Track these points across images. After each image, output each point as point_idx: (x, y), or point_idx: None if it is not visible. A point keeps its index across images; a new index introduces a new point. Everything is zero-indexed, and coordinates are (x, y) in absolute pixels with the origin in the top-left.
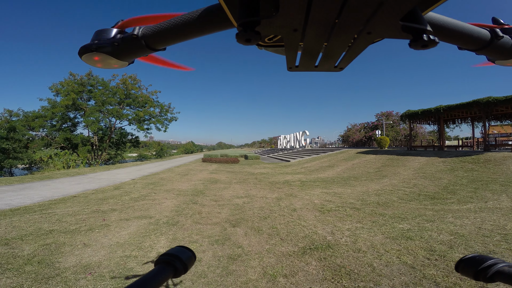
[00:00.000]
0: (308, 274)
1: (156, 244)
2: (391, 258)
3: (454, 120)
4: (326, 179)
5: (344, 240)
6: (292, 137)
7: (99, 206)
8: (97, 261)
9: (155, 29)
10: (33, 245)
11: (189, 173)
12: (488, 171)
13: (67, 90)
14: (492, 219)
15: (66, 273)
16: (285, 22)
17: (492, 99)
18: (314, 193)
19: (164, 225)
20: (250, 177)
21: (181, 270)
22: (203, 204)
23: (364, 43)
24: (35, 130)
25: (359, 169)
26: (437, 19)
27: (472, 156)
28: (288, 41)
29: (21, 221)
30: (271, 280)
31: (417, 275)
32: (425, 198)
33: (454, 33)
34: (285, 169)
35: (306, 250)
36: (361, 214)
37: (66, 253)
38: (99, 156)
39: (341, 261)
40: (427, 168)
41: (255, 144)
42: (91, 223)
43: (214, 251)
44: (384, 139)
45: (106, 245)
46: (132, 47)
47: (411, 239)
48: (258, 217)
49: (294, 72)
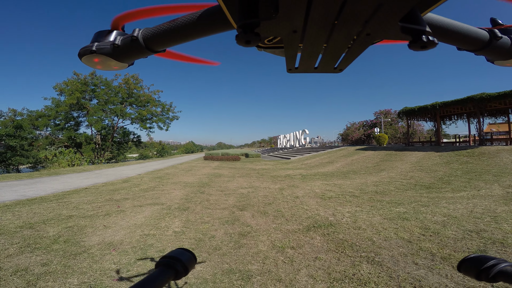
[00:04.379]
0: (313, 246)
1: (172, 225)
2: (389, 234)
3: (451, 117)
4: (326, 173)
5: (345, 220)
6: (292, 136)
7: (112, 196)
8: (119, 240)
9: (154, 31)
10: (56, 228)
11: (192, 169)
12: (482, 163)
13: (71, 89)
14: (483, 205)
15: (92, 250)
16: (285, 23)
17: (486, 95)
18: (315, 184)
19: (176, 210)
20: (252, 172)
21: (182, 272)
22: (210, 194)
23: (363, 44)
24: (39, 129)
25: (358, 164)
26: (436, 20)
27: (467, 150)
28: (287, 42)
29: (41, 208)
30: (280, 251)
31: (414, 247)
32: (421, 188)
33: (453, 34)
34: (286, 166)
35: (310, 228)
36: (360, 200)
37: (88, 233)
38: (102, 155)
39: (343, 236)
40: (424, 161)
41: (255, 144)
42: (107, 209)
43: (225, 229)
44: (383, 136)
45: (125, 226)
46: (131, 49)
47: (407, 220)
48: (263, 203)
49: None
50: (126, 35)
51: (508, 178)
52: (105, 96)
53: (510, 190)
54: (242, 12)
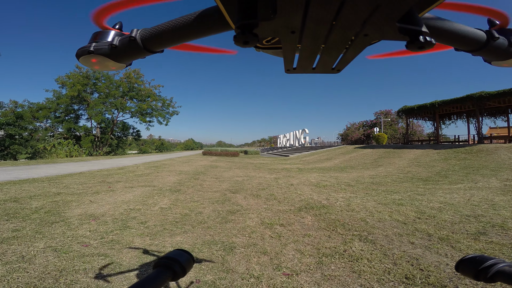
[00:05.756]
0: (304, 225)
1: (160, 203)
2: (383, 216)
3: (450, 116)
4: (324, 168)
5: (339, 204)
6: (292, 135)
7: (105, 179)
8: (101, 212)
9: (152, 31)
10: (42, 201)
11: (190, 161)
12: (480, 159)
13: (73, 82)
14: (481, 195)
15: (71, 219)
16: (283, 24)
17: (485, 93)
18: (311, 175)
19: (167, 191)
20: (250, 165)
21: (180, 273)
22: (204, 180)
23: (361, 45)
24: (39, 121)
25: (356, 160)
26: (434, 21)
27: (466, 148)
28: (285, 43)
29: (31, 187)
30: (268, 227)
31: (409, 228)
32: (417, 180)
33: (450, 34)
34: (284, 161)
35: (301, 209)
36: (355, 188)
37: (72, 207)
38: (101, 147)
39: (335, 217)
40: (422, 158)
41: (254, 143)
42: (97, 189)
43: (214, 207)
44: (382, 135)
45: (111, 202)
46: (129, 49)
47: (402, 205)
48: (257, 188)
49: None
50: (124, 36)
51: (506, 172)
52: (106, 90)
53: (508, 183)
54: (241, 12)
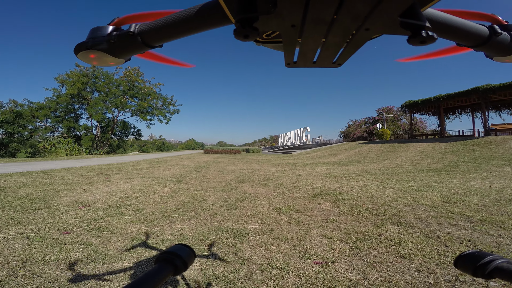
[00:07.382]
0: (323, 210)
1: (160, 191)
2: (408, 201)
3: (454, 111)
4: (329, 162)
5: (355, 191)
6: (293, 133)
7: (103, 171)
8: (93, 200)
9: (151, 25)
10: (30, 190)
11: (191, 158)
12: (489, 150)
13: (73, 80)
14: (500, 182)
15: (57, 206)
16: (283, 18)
17: (490, 86)
18: (318, 168)
19: (168, 181)
20: (253, 161)
21: (181, 268)
22: (207, 172)
23: (362, 39)
24: (39, 120)
25: (361, 155)
26: (436, 15)
27: (473, 140)
28: (286, 37)
29: (23, 178)
30: (283, 213)
31: (442, 211)
32: (429, 171)
33: (452, 29)
34: (287, 158)
35: (316, 195)
36: (367, 178)
37: (62, 195)
38: (101, 147)
39: (356, 202)
40: (429, 151)
41: (256, 143)
42: (93, 180)
43: (219, 195)
44: (385, 131)
45: (106, 191)
46: (128, 44)
47: (424, 191)
48: (264, 179)
49: (295, 70)
50: (122, 31)
51: None
52: (106, 88)
53: None
54: (240, 6)
